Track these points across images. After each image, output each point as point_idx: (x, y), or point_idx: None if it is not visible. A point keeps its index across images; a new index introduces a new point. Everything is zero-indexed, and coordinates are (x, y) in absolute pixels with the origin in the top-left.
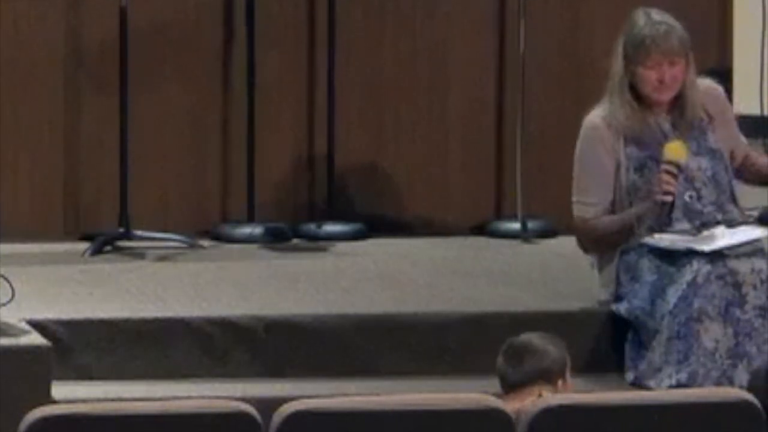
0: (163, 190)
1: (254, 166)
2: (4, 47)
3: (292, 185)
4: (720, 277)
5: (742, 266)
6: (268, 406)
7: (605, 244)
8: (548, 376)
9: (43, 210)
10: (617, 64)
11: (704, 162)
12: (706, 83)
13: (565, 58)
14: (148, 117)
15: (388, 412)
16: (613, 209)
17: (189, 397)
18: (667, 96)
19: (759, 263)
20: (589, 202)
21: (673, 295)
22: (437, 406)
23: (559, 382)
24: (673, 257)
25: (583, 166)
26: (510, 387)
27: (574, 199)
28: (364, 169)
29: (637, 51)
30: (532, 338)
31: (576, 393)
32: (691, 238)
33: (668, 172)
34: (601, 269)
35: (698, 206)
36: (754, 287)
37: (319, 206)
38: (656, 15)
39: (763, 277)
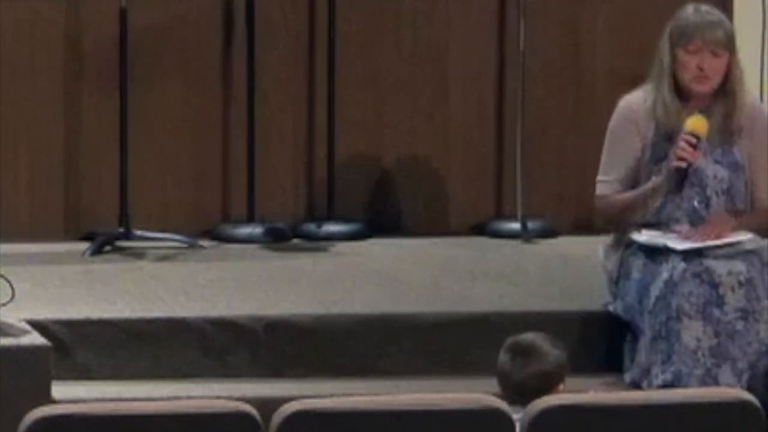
0: (163, 190)
1: (254, 166)
2: (4, 47)
3: (292, 185)
4: (696, 275)
5: (719, 267)
6: (268, 406)
7: (622, 220)
8: (551, 378)
9: (43, 210)
10: (663, 53)
11: (723, 172)
12: (753, 99)
13: (565, 58)
14: (148, 117)
15: (388, 412)
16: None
17: (189, 397)
18: (705, 87)
19: (738, 266)
20: (610, 180)
21: (653, 293)
22: (437, 406)
23: (561, 386)
24: (656, 254)
25: (611, 144)
26: (511, 386)
27: (598, 179)
28: (364, 169)
29: (680, 35)
30: (536, 339)
31: (574, 393)
32: (672, 235)
33: (687, 141)
34: (606, 269)
35: (704, 213)
36: (733, 289)
37: (319, 206)
38: (706, 8)
39: (742, 279)
